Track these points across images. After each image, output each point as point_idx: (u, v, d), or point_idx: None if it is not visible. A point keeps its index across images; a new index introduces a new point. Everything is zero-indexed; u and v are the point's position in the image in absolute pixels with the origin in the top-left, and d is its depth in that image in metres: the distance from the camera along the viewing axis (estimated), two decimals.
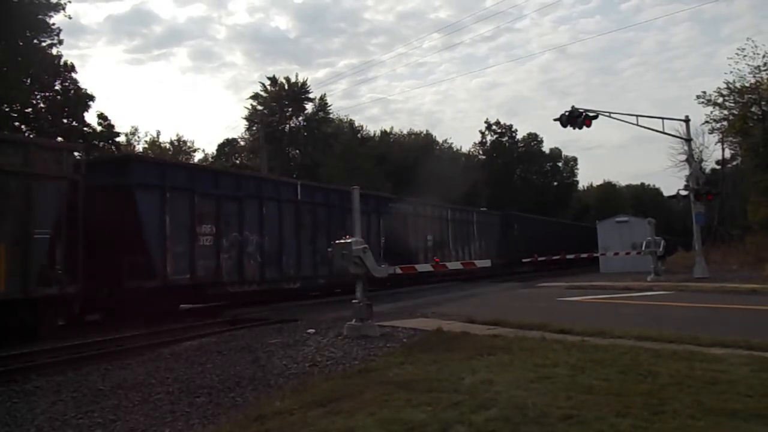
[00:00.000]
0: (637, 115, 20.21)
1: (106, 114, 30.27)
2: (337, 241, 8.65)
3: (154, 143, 47.54)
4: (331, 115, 45.13)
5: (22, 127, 25.46)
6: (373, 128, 66.22)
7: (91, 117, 31.93)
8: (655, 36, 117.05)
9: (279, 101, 42.20)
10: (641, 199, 78.33)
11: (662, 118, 20.88)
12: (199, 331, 10.43)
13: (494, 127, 60.94)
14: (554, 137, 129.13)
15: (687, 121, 21.56)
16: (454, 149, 59.52)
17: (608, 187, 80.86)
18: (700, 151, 39.03)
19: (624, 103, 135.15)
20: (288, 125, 42.63)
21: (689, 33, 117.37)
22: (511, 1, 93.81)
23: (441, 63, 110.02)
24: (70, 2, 25.85)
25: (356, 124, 50.85)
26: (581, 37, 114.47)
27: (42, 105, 26.90)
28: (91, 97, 28.09)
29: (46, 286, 9.58)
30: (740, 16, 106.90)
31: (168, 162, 22.85)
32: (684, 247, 35.54)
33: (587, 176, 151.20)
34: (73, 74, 27.76)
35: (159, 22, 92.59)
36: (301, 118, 43.10)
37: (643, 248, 19.87)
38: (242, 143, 46.29)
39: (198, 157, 49.06)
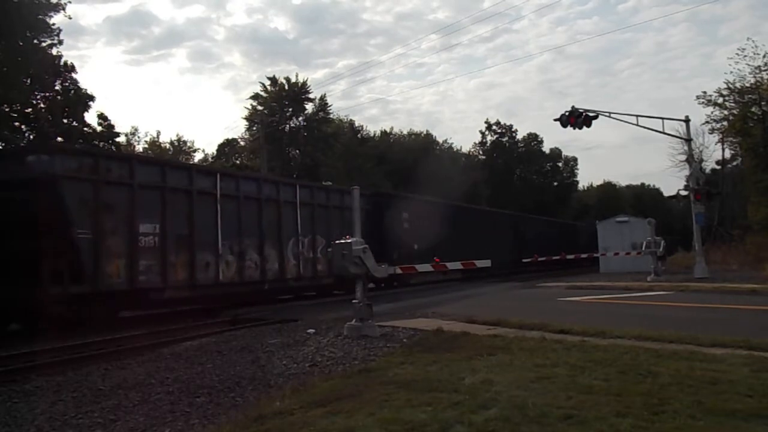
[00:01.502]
0: (637, 115, 20.23)
1: (106, 114, 30.35)
2: (336, 241, 8.64)
3: (154, 143, 47.64)
4: (331, 115, 45.21)
5: (22, 127, 25.47)
6: (372, 128, 66.24)
7: (91, 117, 32.02)
8: (653, 37, 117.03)
9: (279, 101, 42.20)
10: (641, 199, 78.38)
11: (662, 118, 20.90)
12: (199, 331, 10.43)
13: (494, 127, 61.06)
14: (553, 137, 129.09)
15: (687, 121, 21.58)
16: (454, 149, 59.63)
17: (608, 187, 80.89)
18: (700, 151, 39.02)
19: (622, 103, 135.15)
20: (288, 125, 42.63)
21: (687, 34, 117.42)
22: (509, 2, 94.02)
23: (439, 63, 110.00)
24: (69, 2, 25.88)
25: (356, 124, 50.96)
26: (579, 37, 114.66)
27: (42, 105, 26.91)
28: (91, 97, 28.15)
29: None
30: (737, 17, 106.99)
31: None
32: (684, 247, 35.54)
33: (587, 176, 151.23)
34: (73, 74, 27.82)
35: (158, 23, 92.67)
36: (301, 118, 43.12)
37: (643, 248, 19.86)
38: (242, 143, 46.35)
39: (198, 157, 49.16)
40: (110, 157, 13.47)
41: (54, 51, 26.55)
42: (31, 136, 25.45)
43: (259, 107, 42.50)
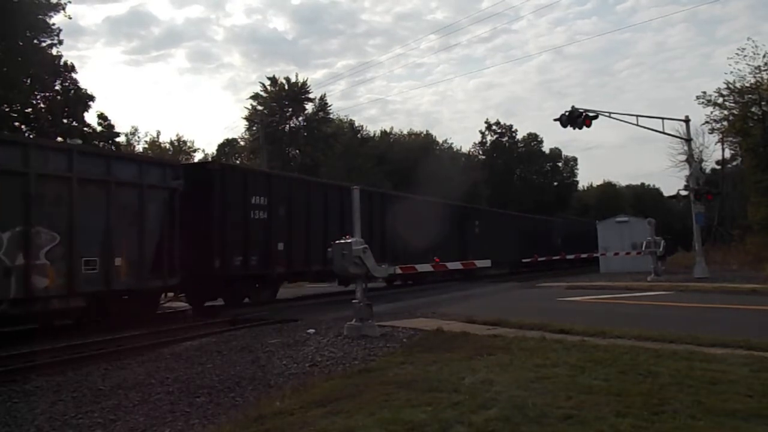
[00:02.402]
0: (636, 115, 20.21)
1: (106, 114, 30.31)
2: (336, 241, 8.63)
3: (154, 143, 47.66)
4: (331, 116, 45.22)
5: (22, 127, 25.46)
6: (372, 128, 66.27)
7: (91, 117, 32.04)
8: (652, 37, 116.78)
9: (279, 101, 42.21)
10: (641, 199, 78.34)
11: (662, 118, 20.88)
12: (199, 331, 10.43)
13: (494, 127, 61.02)
14: (553, 137, 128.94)
15: (687, 121, 21.57)
16: (454, 149, 59.63)
17: (608, 187, 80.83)
18: (700, 151, 39.10)
19: (621, 103, 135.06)
20: (288, 125, 42.65)
21: (685, 34, 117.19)
22: (508, 3, 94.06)
23: (438, 64, 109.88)
24: (69, 2, 25.87)
25: (356, 124, 50.98)
26: (578, 38, 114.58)
27: (42, 105, 26.89)
28: (91, 97, 28.09)
29: None
30: (737, 17, 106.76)
31: None
32: (684, 247, 35.55)
33: (587, 176, 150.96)
34: (73, 74, 27.79)
35: (157, 24, 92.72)
36: (301, 118, 43.13)
37: (643, 248, 19.87)
38: (242, 143, 46.37)
39: (198, 157, 49.15)
40: None
41: (54, 51, 26.58)
42: (32, 136, 25.44)
43: (259, 107, 42.51)
